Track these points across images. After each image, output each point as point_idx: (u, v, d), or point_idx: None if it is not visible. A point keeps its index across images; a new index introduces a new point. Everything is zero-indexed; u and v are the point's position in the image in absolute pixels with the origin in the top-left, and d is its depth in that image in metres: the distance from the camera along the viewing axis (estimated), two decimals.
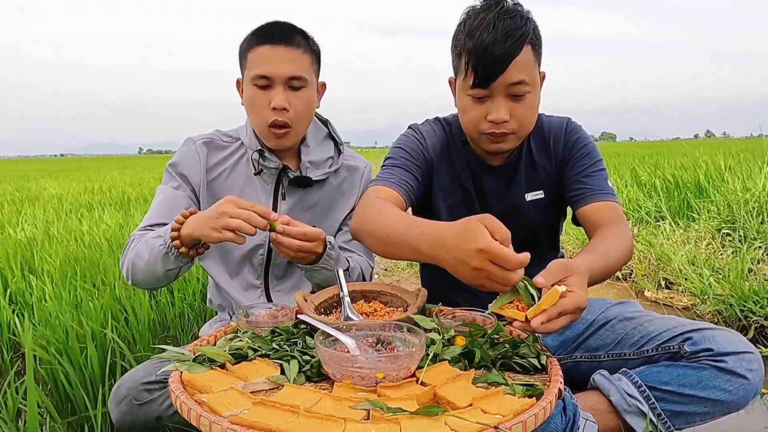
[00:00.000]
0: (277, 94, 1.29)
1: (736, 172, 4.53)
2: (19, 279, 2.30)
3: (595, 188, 1.28)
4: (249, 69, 1.32)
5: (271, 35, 1.30)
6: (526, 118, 1.23)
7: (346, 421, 0.70)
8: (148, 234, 1.26)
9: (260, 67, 1.29)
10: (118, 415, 1.10)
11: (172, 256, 1.18)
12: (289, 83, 1.31)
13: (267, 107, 1.30)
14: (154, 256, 1.19)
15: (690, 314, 2.40)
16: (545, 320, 0.86)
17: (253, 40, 1.32)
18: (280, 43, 1.29)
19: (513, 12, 1.16)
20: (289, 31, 1.31)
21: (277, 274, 1.46)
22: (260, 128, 1.35)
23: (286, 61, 1.29)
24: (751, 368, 1.05)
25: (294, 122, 1.33)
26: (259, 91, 1.31)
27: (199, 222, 1.13)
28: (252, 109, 1.34)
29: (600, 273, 1.05)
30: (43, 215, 4.85)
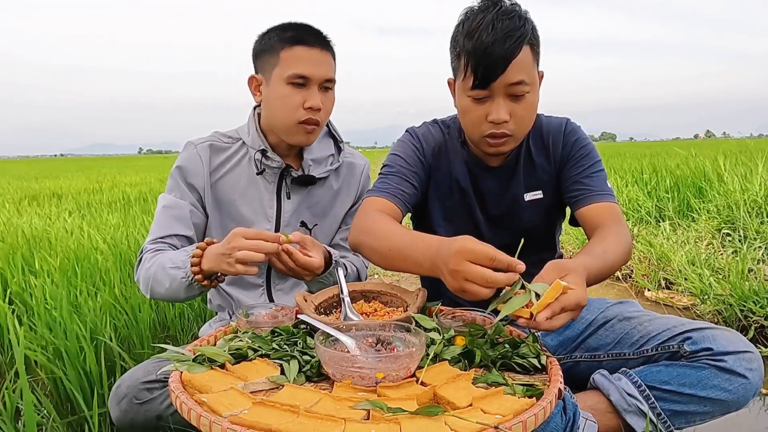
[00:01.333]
0: (314, 94, 1.33)
1: (736, 172, 4.53)
2: (18, 279, 2.30)
3: (594, 189, 1.28)
4: (283, 67, 1.33)
5: (306, 38, 1.33)
6: (525, 119, 1.23)
7: (346, 421, 0.70)
8: (164, 258, 1.27)
9: (298, 67, 1.32)
10: (118, 413, 1.10)
11: (196, 286, 1.21)
12: (324, 85, 1.36)
13: (300, 106, 1.33)
14: (176, 286, 1.22)
15: (690, 314, 2.40)
16: (549, 315, 0.87)
17: (286, 39, 1.33)
18: (316, 46, 1.34)
19: (511, 12, 1.16)
20: (320, 35, 1.36)
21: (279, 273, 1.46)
22: (288, 124, 1.35)
23: (322, 64, 1.34)
24: (751, 367, 1.05)
25: (322, 122, 1.38)
26: (293, 90, 1.33)
27: (214, 257, 1.17)
28: (283, 107, 1.34)
29: (598, 273, 1.05)
30: (43, 215, 4.85)
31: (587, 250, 1.11)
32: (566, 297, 0.87)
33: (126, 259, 2.60)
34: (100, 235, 3.34)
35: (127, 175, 13.08)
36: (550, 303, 0.87)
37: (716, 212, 3.76)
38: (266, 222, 1.42)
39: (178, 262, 1.22)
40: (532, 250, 1.17)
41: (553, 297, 0.87)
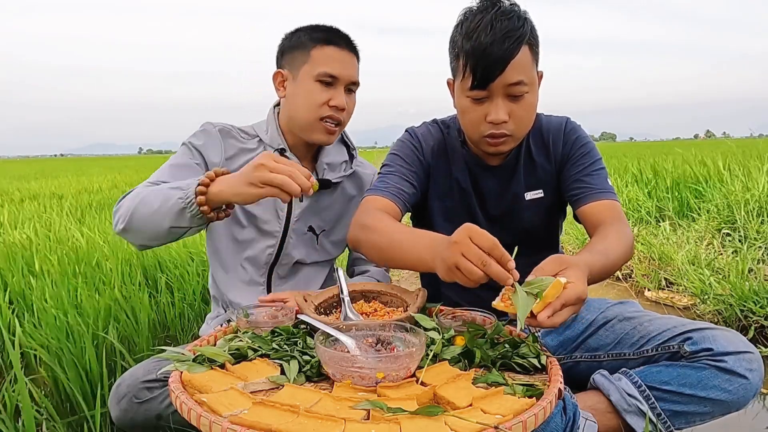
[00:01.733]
0: (340, 94, 1.36)
1: (736, 173, 4.53)
2: (18, 279, 2.30)
3: (595, 187, 1.28)
4: (313, 65, 1.35)
5: (337, 39, 1.37)
6: (524, 119, 1.23)
7: (346, 421, 0.70)
8: (161, 185, 1.18)
9: (329, 66, 1.34)
10: (118, 413, 1.10)
11: (188, 213, 1.09)
12: (349, 86, 1.39)
13: (325, 103, 1.35)
14: (167, 207, 1.10)
15: (690, 314, 2.40)
16: (550, 313, 0.87)
17: (318, 38, 1.36)
18: (346, 48, 1.38)
19: (510, 13, 1.16)
20: (349, 39, 1.40)
21: (281, 273, 1.46)
22: (310, 120, 1.36)
23: (350, 66, 1.38)
24: (751, 368, 1.05)
25: (344, 122, 1.40)
26: (320, 87, 1.35)
27: (233, 180, 1.06)
28: (306, 102, 1.36)
29: (600, 271, 1.05)
30: (44, 215, 4.85)
31: (589, 248, 1.11)
32: (566, 292, 0.88)
33: (126, 260, 2.60)
34: (100, 236, 3.35)
35: (127, 175, 13.08)
36: (550, 301, 0.87)
37: (716, 212, 3.76)
38: (276, 222, 1.41)
39: (180, 184, 1.13)
40: (533, 250, 1.17)
41: (554, 296, 0.87)
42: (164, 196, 1.11)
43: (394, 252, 1.11)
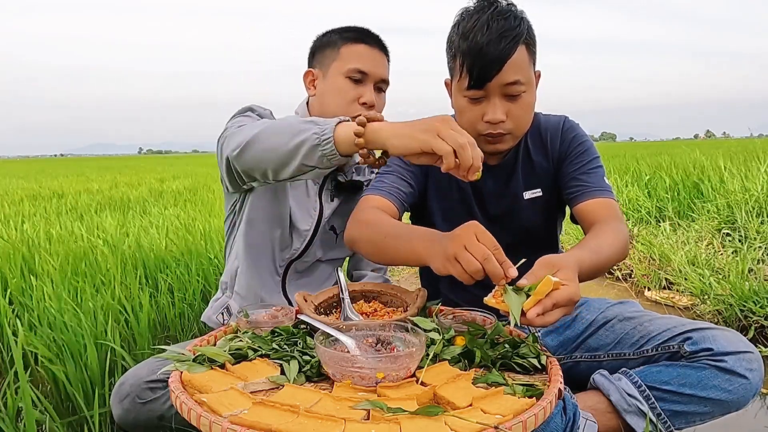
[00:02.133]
0: (369, 91, 1.38)
1: (736, 173, 4.53)
2: (18, 279, 2.30)
3: (591, 185, 1.28)
4: (343, 61, 1.37)
5: (367, 38, 1.39)
6: (522, 118, 1.23)
7: (346, 421, 0.70)
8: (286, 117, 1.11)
9: (359, 62, 1.36)
10: (120, 412, 1.10)
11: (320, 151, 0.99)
12: (378, 84, 1.40)
13: (355, 100, 1.37)
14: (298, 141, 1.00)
15: (690, 314, 2.40)
16: (540, 311, 0.87)
17: (348, 36, 1.39)
18: (376, 47, 1.40)
19: (507, 12, 1.16)
20: (380, 39, 1.42)
21: (298, 268, 1.47)
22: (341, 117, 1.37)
23: (380, 64, 1.40)
24: (751, 368, 1.05)
25: None
26: (350, 84, 1.37)
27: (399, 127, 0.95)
28: (337, 99, 1.37)
29: (590, 268, 1.04)
30: (44, 215, 4.85)
31: (581, 245, 1.11)
32: (558, 293, 0.88)
33: (126, 260, 2.60)
34: (100, 236, 3.35)
35: (127, 176, 13.08)
36: (540, 299, 0.87)
37: (716, 212, 3.76)
38: (308, 220, 1.42)
39: (315, 119, 1.03)
40: (533, 249, 1.17)
41: (544, 293, 0.87)
42: (295, 128, 1.01)
43: (387, 246, 1.12)
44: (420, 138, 0.91)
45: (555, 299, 0.87)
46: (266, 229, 1.40)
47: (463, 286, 1.00)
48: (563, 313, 0.89)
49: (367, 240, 1.18)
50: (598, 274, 1.10)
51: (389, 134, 0.95)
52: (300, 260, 1.46)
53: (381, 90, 1.42)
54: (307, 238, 1.43)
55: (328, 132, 0.97)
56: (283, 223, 1.40)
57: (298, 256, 1.45)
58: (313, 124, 1.00)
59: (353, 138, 0.96)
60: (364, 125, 0.96)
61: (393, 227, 1.14)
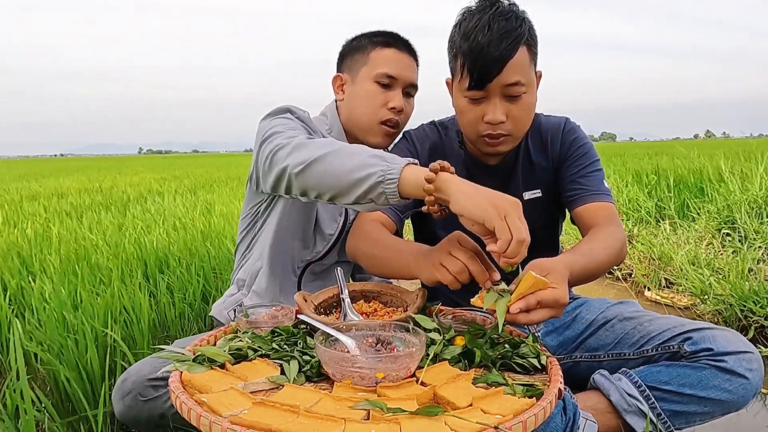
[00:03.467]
0: (398, 95, 1.39)
1: (736, 173, 4.53)
2: (18, 279, 2.30)
3: (590, 189, 1.28)
4: (372, 66, 1.39)
5: (396, 43, 1.40)
6: (522, 119, 1.23)
7: (346, 421, 0.70)
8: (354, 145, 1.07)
9: (387, 67, 1.38)
10: (121, 408, 1.10)
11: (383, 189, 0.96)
12: (406, 89, 1.41)
13: (383, 105, 1.38)
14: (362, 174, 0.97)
15: (690, 314, 2.40)
16: (524, 307, 0.88)
17: (377, 41, 1.40)
18: (405, 51, 1.41)
19: (508, 13, 1.16)
20: (409, 44, 1.43)
21: (315, 270, 1.48)
22: (370, 123, 1.39)
23: (408, 68, 1.41)
24: (751, 368, 1.05)
25: (402, 125, 1.42)
26: (379, 88, 1.38)
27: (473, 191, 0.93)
28: (367, 104, 1.38)
29: (582, 272, 1.05)
30: (44, 215, 4.85)
31: (574, 249, 1.12)
32: (543, 293, 0.89)
33: (126, 260, 2.60)
34: (100, 236, 3.35)
35: (127, 176, 13.09)
36: (524, 295, 0.88)
37: (716, 212, 3.76)
38: (334, 225, 1.43)
39: (383, 155, 0.99)
40: (533, 250, 1.17)
41: (526, 288, 0.88)
42: (364, 160, 0.98)
43: (383, 260, 1.17)
44: (487, 211, 0.89)
45: (540, 297, 0.88)
46: (294, 232, 1.41)
47: (466, 288, 1.01)
48: (549, 315, 0.90)
49: (364, 254, 1.23)
50: (591, 277, 1.11)
51: (457, 190, 0.93)
52: (319, 263, 1.46)
53: (410, 95, 1.43)
54: (331, 242, 1.44)
55: (395, 172, 0.95)
56: (308, 226, 1.41)
57: (318, 259, 1.45)
58: (381, 159, 0.98)
59: (422, 183, 0.94)
60: (436, 172, 0.94)
61: (388, 242, 1.19)
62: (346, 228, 1.44)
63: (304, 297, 1.13)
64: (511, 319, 0.90)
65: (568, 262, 0.99)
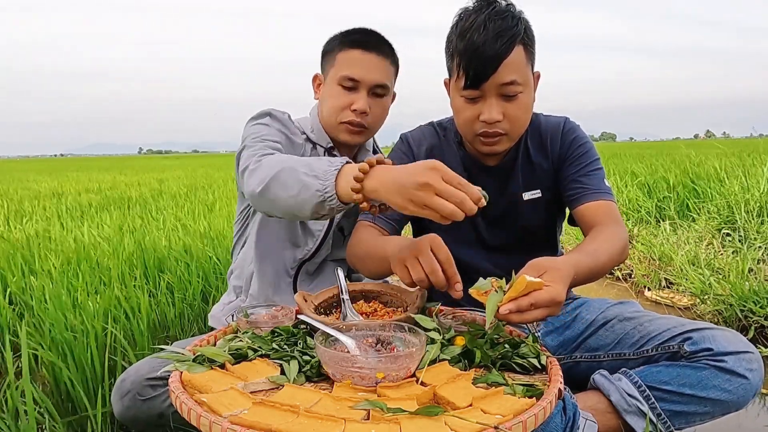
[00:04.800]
0: (361, 98, 1.36)
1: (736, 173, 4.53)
2: (19, 279, 2.30)
3: (591, 187, 1.28)
4: (337, 68, 1.37)
5: (365, 42, 1.36)
6: (519, 118, 1.23)
7: (346, 421, 0.70)
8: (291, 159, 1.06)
9: (350, 69, 1.35)
10: (120, 408, 1.10)
11: (328, 206, 0.98)
12: (373, 90, 1.38)
13: (347, 107, 1.36)
14: (306, 197, 0.99)
15: (690, 314, 2.40)
16: (514, 309, 0.88)
17: (346, 42, 1.37)
18: (372, 51, 1.36)
19: (504, 12, 1.16)
20: (380, 41, 1.38)
21: (309, 269, 1.48)
22: (333, 123, 1.39)
23: (375, 69, 1.36)
24: (751, 368, 1.05)
25: (370, 126, 1.40)
26: (343, 91, 1.36)
27: (391, 184, 0.91)
28: (331, 106, 1.38)
29: (587, 271, 1.05)
30: (44, 215, 4.85)
31: (579, 248, 1.11)
32: (538, 293, 0.88)
33: (126, 260, 2.60)
34: (101, 235, 3.35)
35: (127, 176, 13.09)
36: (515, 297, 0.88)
37: (716, 212, 3.76)
38: (320, 222, 1.43)
39: (317, 170, 0.99)
40: (533, 250, 1.17)
41: (518, 291, 0.88)
42: (302, 184, 0.99)
43: (372, 259, 1.20)
44: (418, 200, 0.87)
45: (534, 299, 0.88)
46: (280, 233, 1.42)
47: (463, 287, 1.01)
48: (546, 313, 0.89)
49: (355, 258, 1.27)
50: (596, 277, 1.10)
51: (384, 197, 0.92)
52: (311, 261, 1.47)
53: (379, 95, 1.39)
54: (320, 239, 1.44)
55: (330, 189, 0.96)
56: (294, 225, 1.42)
57: (309, 257, 1.46)
58: (315, 177, 0.98)
59: (351, 193, 0.95)
60: (366, 172, 0.94)
61: (371, 242, 1.21)
62: (333, 224, 1.45)
63: (304, 297, 1.13)
64: (503, 318, 0.89)
65: (573, 262, 0.99)
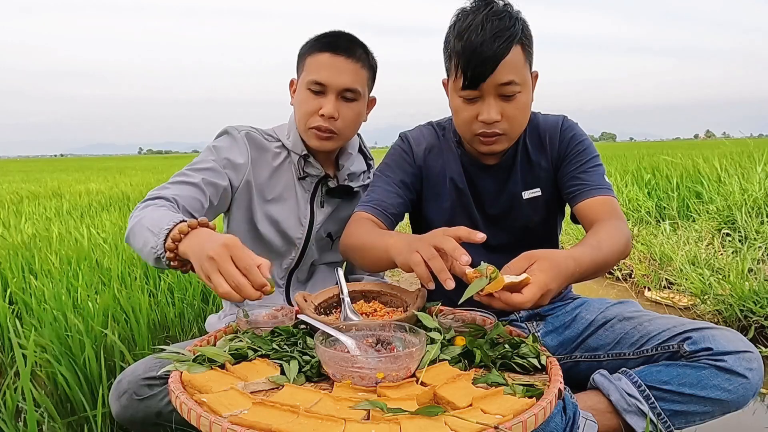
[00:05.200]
0: (329, 102, 1.32)
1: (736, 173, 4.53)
2: (19, 279, 2.30)
3: (591, 184, 1.27)
4: (306, 73, 1.34)
5: (335, 45, 1.33)
6: (517, 118, 1.23)
7: (346, 421, 0.70)
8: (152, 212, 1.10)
9: (318, 74, 1.32)
10: (118, 408, 1.10)
11: (164, 262, 1.03)
12: (343, 94, 1.34)
13: (315, 112, 1.33)
14: (146, 252, 1.04)
15: (690, 314, 2.40)
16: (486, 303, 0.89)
17: (315, 45, 1.34)
18: (342, 54, 1.32)
19: (502, 13, 1.16)
20: (351, 43, 1.34)
21: (300, 277, 1.48)
22: (303, 128, 1.37)
23: (343, 72, 1.32)
24: (751, 367, 1.05)
25: (340, 131, 1.36)
26: (311, 95, 1.33)
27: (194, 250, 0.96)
28: (301, 112, 1.36)
29: (590, 262, 1.02)
30: (44, 215, 4.85)
31: (581, 243, 1.11)
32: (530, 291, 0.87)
33: (126, 260, 2.60)
34: (101, 236, 3.35)
35: (127, 176, 13.09)
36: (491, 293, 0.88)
37: (716, 212, 3.76)
38: (299, 228, 1.43)
39: (155, 228, 1.03)
40: (532, 249, 1.16)
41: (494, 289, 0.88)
42: (143, 239, 1.05)
43: (365, 249, 1.18)
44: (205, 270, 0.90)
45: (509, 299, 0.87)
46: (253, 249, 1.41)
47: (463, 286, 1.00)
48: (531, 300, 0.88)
49: (350, 249, 1.25)
50: (600, 269, 1.08)
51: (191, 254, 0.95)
52: (299, 269, 1.47)
53: (349, 99, 1.35)
54: (300, 246, 1.44)
55: (161, 246, 1.00)
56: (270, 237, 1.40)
57: (296, 265, 1.46)
58: (152, 234, 1.02)
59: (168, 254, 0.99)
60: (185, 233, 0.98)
61: (368, 235, 1.20)
62: (313, 231, 1.44)
63: (305, 297, 1.13)
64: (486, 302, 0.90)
65: (572, 254, 0.98)
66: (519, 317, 1.40)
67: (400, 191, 1.34)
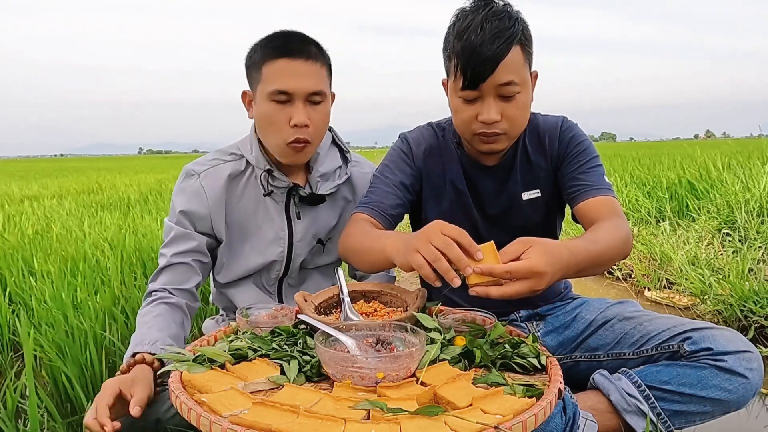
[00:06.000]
0: (298, 110, 1.25)
1: (736, 173, 4.53)
2: (18, 279, 2.30)
3: (591, 184, 1.27)
4: (265, 83, 1.25)
5: (289, 49, 1.25)
6: (517, 118, 1.23)
7: (346, 421, 0.70)
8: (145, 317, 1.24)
9: (279, 83, 1.24)
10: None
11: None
12: (309, 98, 1.27)
13: (286, 124, 1.26)
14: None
15: (690, 314, 2.40)
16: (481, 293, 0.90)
17: (268, 52, 1.26)
18: (299, 57, 1.25)
19: (501, 13, 1.16)
20: (305, 44, 1.27)
21: (291, 283, 1.47)
22: (279, 145, 1.29)
23: (306, 76, 1.25)
24: (751, 367, 1.05)
25: (314, 138, 1.30)
26: (277, 107, 1.25)
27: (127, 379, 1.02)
28: (269, 126, 1.28)
29: (586, 256, 1.01)
30: (44, 215, 4.85)
31: (579, 237, 1.10)
32: (516, 264, 0.88)
33: (126, 259, 2.60)
34: (101, 236, 3.35)
35: (127, 176, 13.09)
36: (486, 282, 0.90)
37: (716, 212, 3.76)
38: (278, 245, 1.40)
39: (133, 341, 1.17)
40: None
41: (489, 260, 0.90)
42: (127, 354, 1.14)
43: (364, 251, 1.18)
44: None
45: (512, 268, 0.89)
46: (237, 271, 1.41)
47: (466, 288, 1.00)
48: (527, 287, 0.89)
49: (349, 250, 1.25)
50: (597, 263, 1.07)
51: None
52: (288, 276, 1.45)
53: (316, 103, 1.28)
54: (284, 259, 1.41)
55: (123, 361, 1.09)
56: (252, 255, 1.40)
57: (284, 274, 1.44)
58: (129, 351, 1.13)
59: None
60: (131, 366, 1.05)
61: (367, 235, 1.20)
62: (294, 242, 1.41)
63: (305, 297, 1.13)
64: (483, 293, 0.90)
65: (570, 245, 0.98)
66: (519, 317, 1.40)
67: (399, 192, 1.34)
